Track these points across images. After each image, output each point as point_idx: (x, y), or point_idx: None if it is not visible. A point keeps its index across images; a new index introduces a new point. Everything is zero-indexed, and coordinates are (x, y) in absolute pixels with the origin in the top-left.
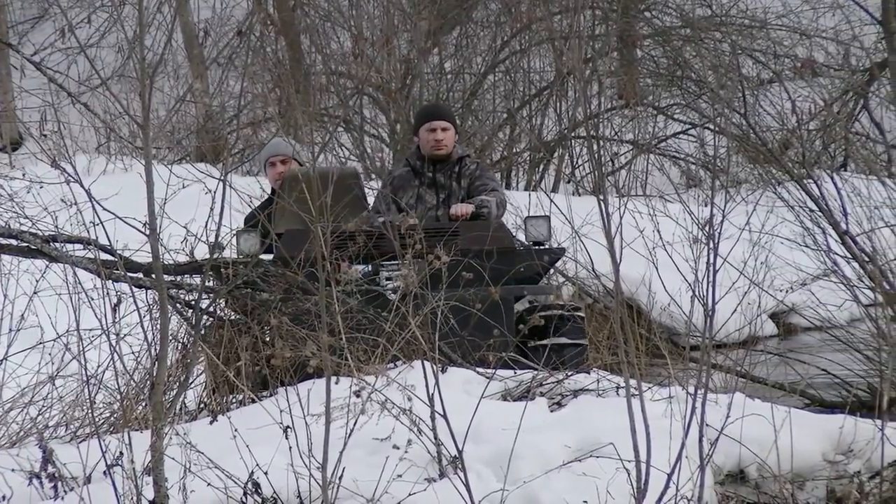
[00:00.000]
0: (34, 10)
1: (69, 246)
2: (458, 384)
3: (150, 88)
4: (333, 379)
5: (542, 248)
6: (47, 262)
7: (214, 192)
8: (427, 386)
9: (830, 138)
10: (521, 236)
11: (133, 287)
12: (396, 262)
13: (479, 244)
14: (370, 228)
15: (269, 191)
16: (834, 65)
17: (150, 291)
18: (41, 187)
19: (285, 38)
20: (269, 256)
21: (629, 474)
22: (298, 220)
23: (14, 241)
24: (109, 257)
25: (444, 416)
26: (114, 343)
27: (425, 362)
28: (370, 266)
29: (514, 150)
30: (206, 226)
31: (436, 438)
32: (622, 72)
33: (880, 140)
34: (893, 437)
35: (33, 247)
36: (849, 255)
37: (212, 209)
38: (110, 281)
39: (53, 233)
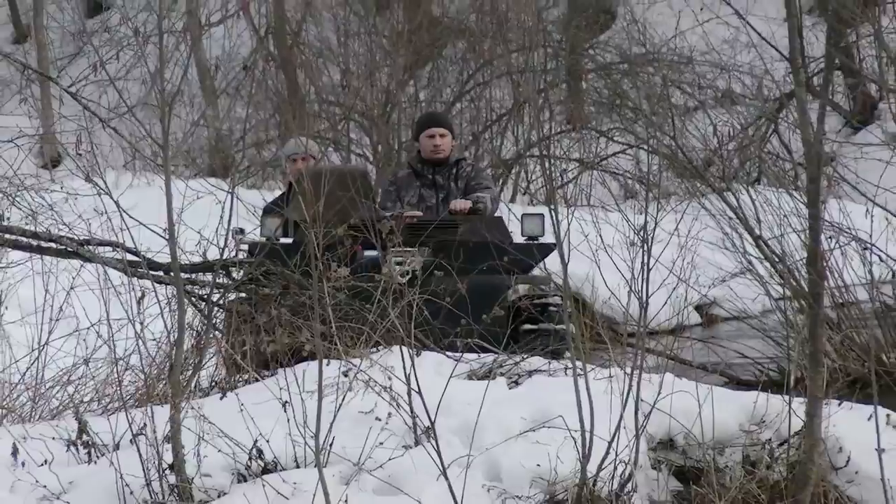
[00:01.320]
0: (71, 48)
1: (100, 248)
2: (430, 366)
3: (168, 115)
4: (325, 361)
5: (536, 242)
6: (82, 263)
7: (224, 203)
8: (404, 367)
9: (746, 157)
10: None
11: (154, 283)
12: (403, 248)
13: (477, 237)
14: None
15: (283, 187)
16: (749, 94)
17: (169, 287)
18: (77, 198)
19: (284, 72)
20: (289, 241)
21: (576, 442)
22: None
23: (54, 244)
24: (134, 258)
25: (419, 393)
26: (138, 331)
27: (403, 348)
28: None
29: (481, 165)
30: (216, 231)
31: (412, 412)
32: (570, 100)
33: (788, 159)
34: (799, 411)
35: (70, 249)
36: (762, 257)
37: (221, 217)
38: (135, 278)
39: (87, 237)
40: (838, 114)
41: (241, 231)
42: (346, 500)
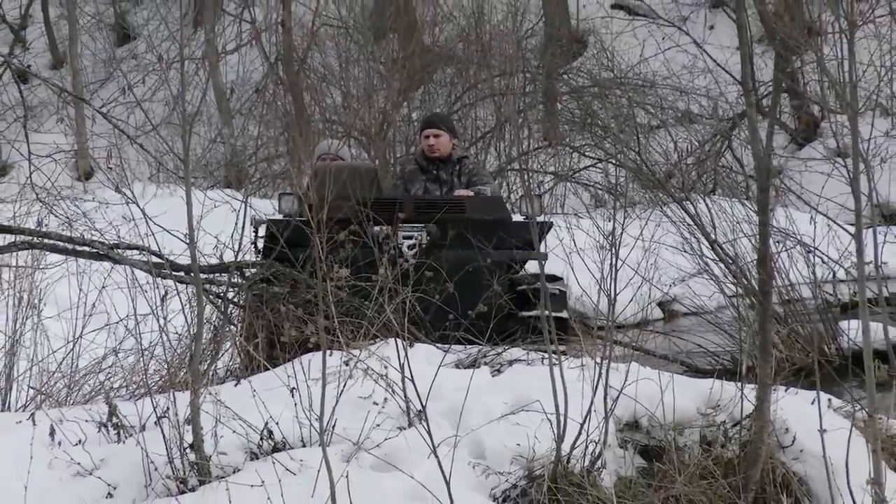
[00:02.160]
0: (102, 73)
1: (128, 251)
2: (422, 356)
3: (189, 133)
4: (328, 352)
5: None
6: (112, 265)
7: (238, 211)
8: (399, 358)
9: (703, 170)
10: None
11: (176, 283)
12: (413, 225)
13: (482, 214)
14: (390, 198)
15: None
16: (706, 114)
17: (189, 286)
18: (107, 207)
19: (291, 94)
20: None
21: (551, 424)
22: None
23: (87, 248)
24: (159, 260)
25: (412, 381)
26: (162, 325)
27: (397, 340)
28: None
29: None
30: (231, 236)
31: (405, 397)
32: (546, 120)
33: (740, 171)
34: (750, 396)
35: (101, 252)
36: (717, 259)
37: (236, 223)
38: (159, 278)
39: (116, 241)
40: (785, 132)
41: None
42: (346, 476)
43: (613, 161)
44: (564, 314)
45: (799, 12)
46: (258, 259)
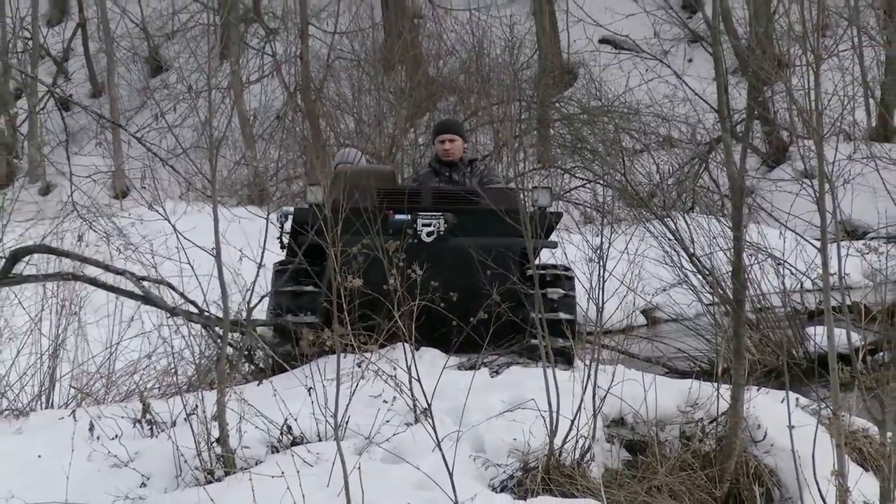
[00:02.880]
0: (137, 101)
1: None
2: (427, 359)
3: (215, 156)
4: (343, 355)
5: (543, 210)
6: (140, 303)
7: (265, 227)
8: (406, 360)
9: (682, 190)
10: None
11: (204, 327)
12: (431, 212)
13: (496, 204)
14: (410, 186)
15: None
16: (685, 139)
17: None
18: (141, 223)
19: (309, 121)
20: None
21: (545, 420)
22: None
23: (122, 275)
24: (182, 300)
25: (419, 381)
26: (189, 333)
27: (405, 344)
28: (409, 215)
29: None
30: (260, 252)
31: (412, 396)
32: (540, 144)
33: (716, 191)
34: (725, 395)
35: (135, 293)
36: (695, 270)
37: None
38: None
39: (146, 275)
40: (757, 155)
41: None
42: (359, 467)
43: (601, 182)
44: (571, 315)
45: (769, 47)
46: (282, 250)
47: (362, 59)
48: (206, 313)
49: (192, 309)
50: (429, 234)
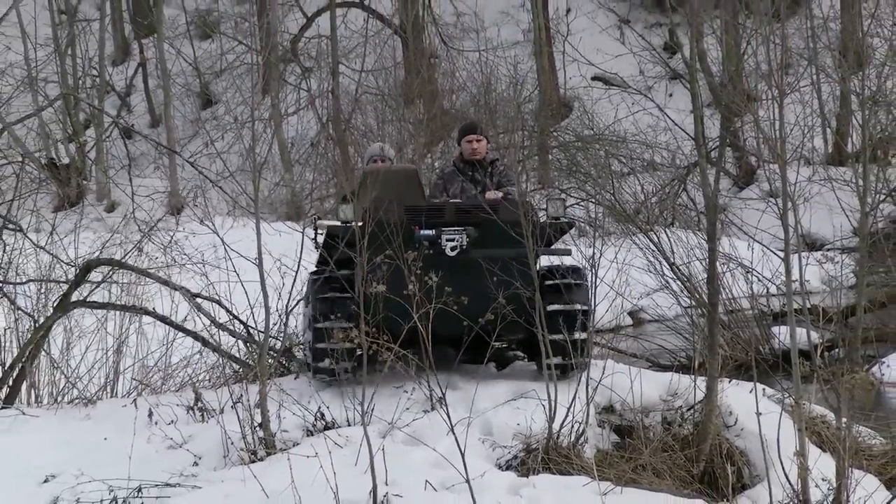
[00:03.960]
0: (190, 130)
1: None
2: (441, 355)
3: (258, 178)
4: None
5: (557, 220)
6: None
7: (301, 240)
8: (424, 356)
9: (664, 207)
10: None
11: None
12: (454, 227)
13: (513, 216)
14: (434, 202)
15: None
16: (666, 163)
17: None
18: (194, 235)
19: (339, 148)
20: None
21: (545, 408)
22: (380, 196)
23: (178, 290)
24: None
25: (435, 374)
26: (237, 332)
27: (423, 342)
28: (434, 231)
29: None
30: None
31: (429, 387)
32: (540, 167)
33: (693, 208)
34: (701, 386)
35: (193, 332)
36: (675, 277)
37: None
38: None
39: (197, 292)
40: (728, 177)
41: (319, 220)
42: (383, 449)
43: (593, 200)
44: (587, 307)
45: (740, 83)
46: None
47: (386, 94)
48: (248, 329)
49: (238, 325)
50: (452, 249)
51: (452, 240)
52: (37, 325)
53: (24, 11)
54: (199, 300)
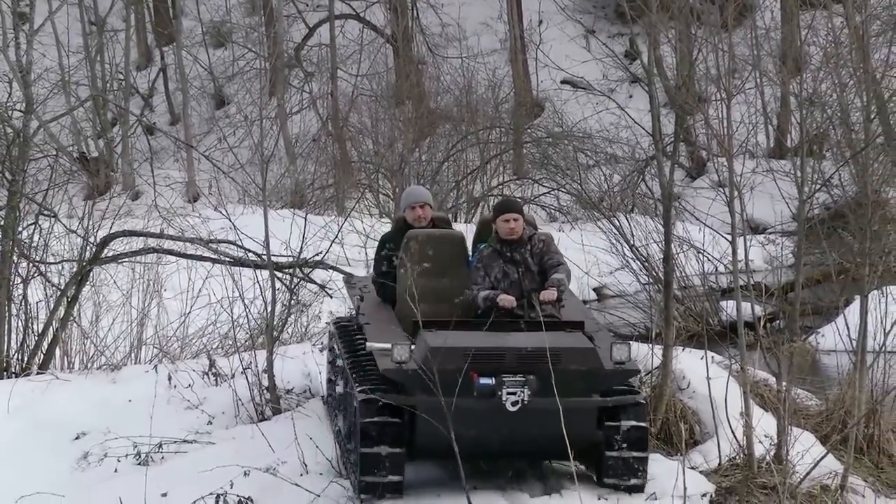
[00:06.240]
0: (205, 127)
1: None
2: None
3: (265, 169)
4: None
5: (623, 366)
6: (211, 262)
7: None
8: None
9: (625, 196)
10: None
11: (255, 271)
12: (517, 376)
13: (578, 365)
14: (494, 348)
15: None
16: (627, 156)
17: (265, 279)
18: (208, 221)
19: (338, 142)
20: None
21: None
22: (420, 278)
23: (194, 245)
24: (242, 250)
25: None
26: (247, 304)
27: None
28: (493, 379)
29: (460, 201)
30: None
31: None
32: (515, 160)
33: (651, 196)
34: (657, 354)
35: (204, 255)
36: (634, 257)
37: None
38: (242, 266)
39: (211, 238)
40: (682, 169)
41: (352, 278)
42: None
43: (562, 189)
44: (645, 454)
45: (692, 86)
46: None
47: (378, 96)
48: (260, 257)
49: (253, 256)
50: (513, 404)
51: (514, 393)
52: (63, 294)
53: (58, 23)
54: (213, 246)
